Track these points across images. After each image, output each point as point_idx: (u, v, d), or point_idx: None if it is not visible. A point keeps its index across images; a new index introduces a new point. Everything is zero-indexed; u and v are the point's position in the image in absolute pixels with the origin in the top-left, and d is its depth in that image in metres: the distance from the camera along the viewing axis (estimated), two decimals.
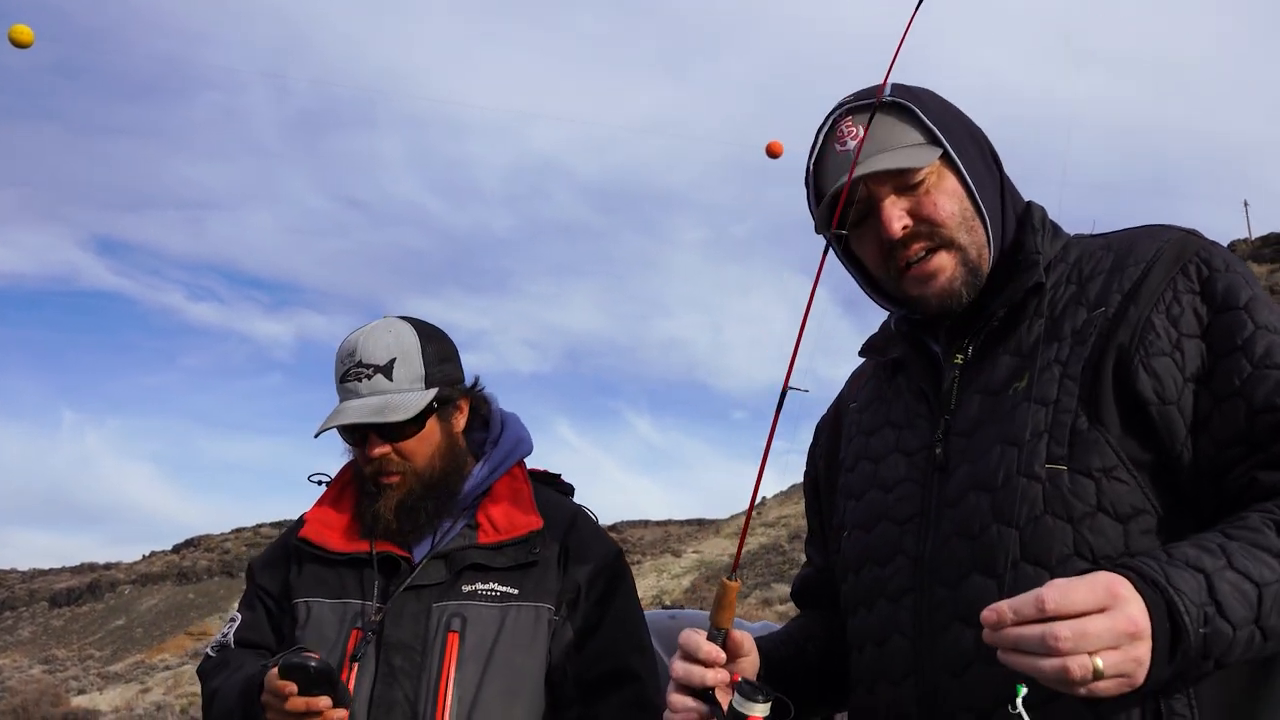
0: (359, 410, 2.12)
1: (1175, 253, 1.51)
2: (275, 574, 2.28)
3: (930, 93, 1.67)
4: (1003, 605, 1.21)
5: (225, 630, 2.27)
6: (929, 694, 1.52)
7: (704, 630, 1.50)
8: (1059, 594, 1.18)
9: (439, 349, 2.24)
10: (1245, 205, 37.78)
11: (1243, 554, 1.27)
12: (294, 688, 1.85)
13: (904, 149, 1.59)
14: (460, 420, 2.27)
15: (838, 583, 1.77)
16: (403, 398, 2.14)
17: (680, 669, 1.49)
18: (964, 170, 1.60)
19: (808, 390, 1.46)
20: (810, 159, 1.71)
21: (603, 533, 2.32)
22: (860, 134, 1.60)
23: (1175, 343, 1.45)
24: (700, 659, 1.48)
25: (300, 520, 2.29)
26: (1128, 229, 1.63)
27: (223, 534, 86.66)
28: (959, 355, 1.64)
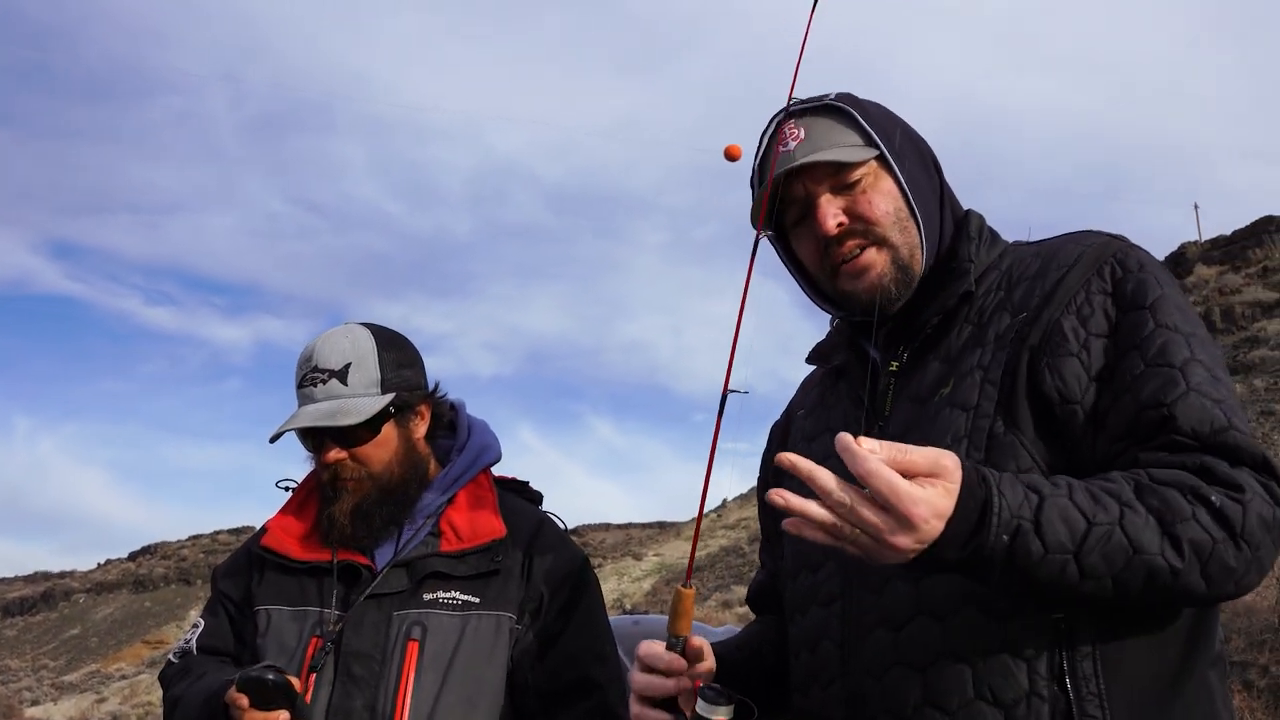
0: (311, 415, 2.13)
1: (1094, 256, 1.55)
2: (237, 581, 2.27)
3: (875, 103, 1.72)
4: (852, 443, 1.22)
5: (188, 636, 2.26)
6: (853, 697, 1.54)
7: (662, 640, 1.51)
8: (898, 448, 1.22)
9: (398, 355, 2.24)
10: (1195, 208, 38.45)
11: (1086, 493, 1.30)
12: (245, 701, 1.86)
13: (841, 148, 1.64)
14: (420, 426, 2.26)
15: (780, 589, 1.81)
16: (356, 403, 2.14)
17: (641, 680, 1.51)
18: (899, 172, 1.64)
19: (746, 392, 1.47)
20: (755, 161, 1.76)
21: (568, 540, 2.31)
22: (801, 135, 1.66)
23: (1083, 343, 1.48)
24: (661, 669, 1.50)
25: (263, 528, 2.29)
26: (1058, 236, 1.67)
27: (180, 541, 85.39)
28: (894, 362, 1.67)
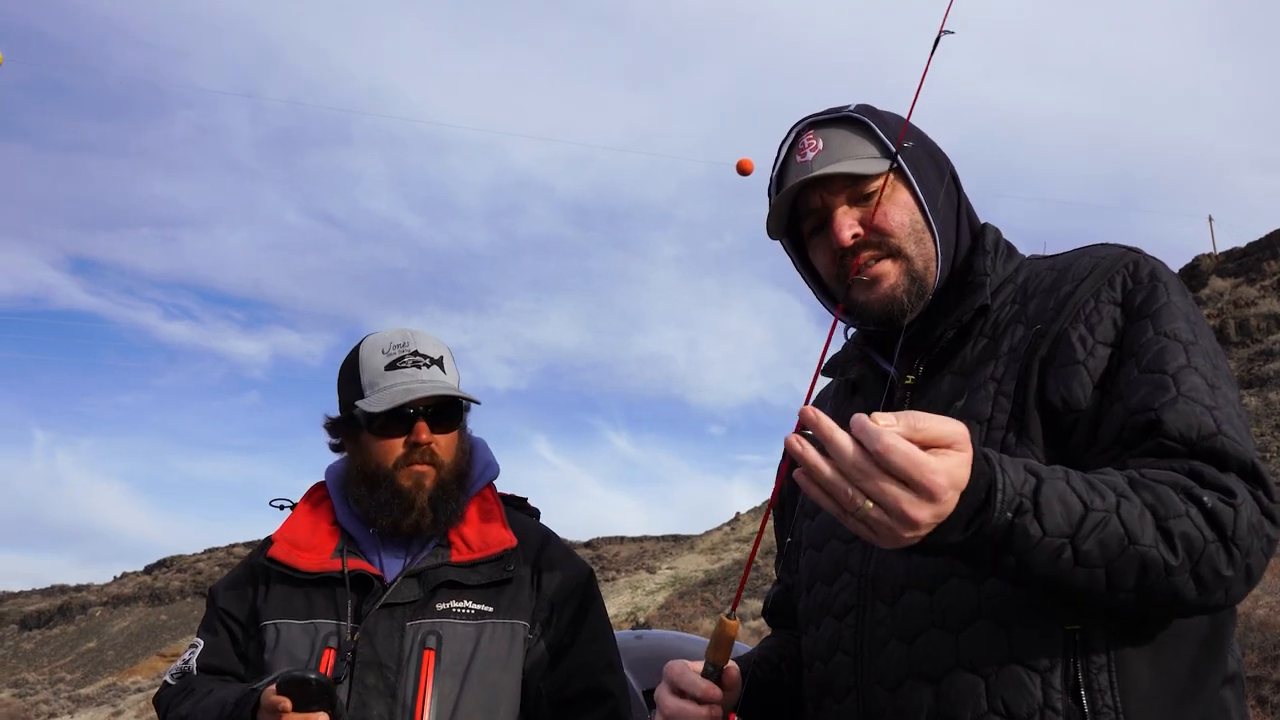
0: (439, 387, 2.19)
1: (1107, 267, 1.55)
2: (240, 597, 2.25)
3: (894, 114, 1.72)
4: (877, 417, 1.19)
5: (186, 656, 2.23)
6: (867, 710, 1.53)
7: (697, 664, 1.50)
8: (914, 417, 1.19)
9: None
10: (1210, 220, 38.34)
11: (1083, 481, 1.28)
12: (288, 704, 1.85)
13: (857, 160, 1.64)
14: (469, 440, 2.33)
15: (796, 601, 1.79)
16: (461, 399, 2.24)
17: (673, 705, 1.50)
18: (915, 184, 1.65)
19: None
20: (773, 171, 1.76)
21: (574, 554, 2.34)
22: (819, 146, 1.67)
23: (1090, 350, 1.48)
24: (696, 695, 1.48)
25: (268, 540, 2.27)
26: (1074, 249, 1.67)
27: (195, 554, 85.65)
28: (909, 376, 1.66)
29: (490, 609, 2.14)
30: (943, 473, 1.15)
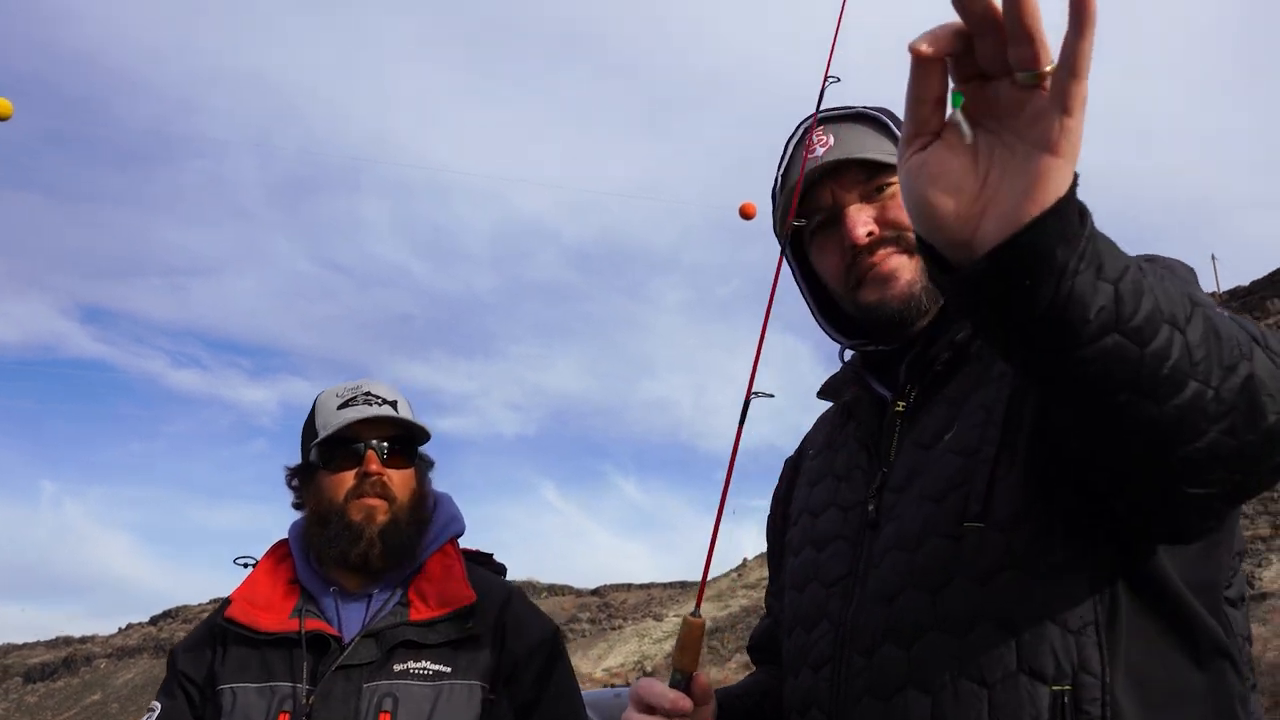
0: (383, 411, 2.20)
1: None
2: (198, 659, 2.22)
3: None
4: None
5: None
6: None
7: (663, 679, 1.40)
8: None
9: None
10: (1213, 259, 38.30)
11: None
12: None
13: (875, 152, 1.55)
14: (427, 484, 2.32)
15: (780, 640, 1.67)
16: (414, 427, 2.24)
17: None
18: None
19: (773, 395, 1.40)
20: (779, 170, 1.67)
21: (538, 611, 2.31)
22: (830, 142, 1.58)
23: None
24: (664, 708, 1.37)
25: (227, 600, 2.24)
26: None
27: (201, 605, 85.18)
28: (900, 402, 1.53)
29: (449, 669, 2.11)
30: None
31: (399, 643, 2.11)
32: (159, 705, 2.23)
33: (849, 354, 1.73)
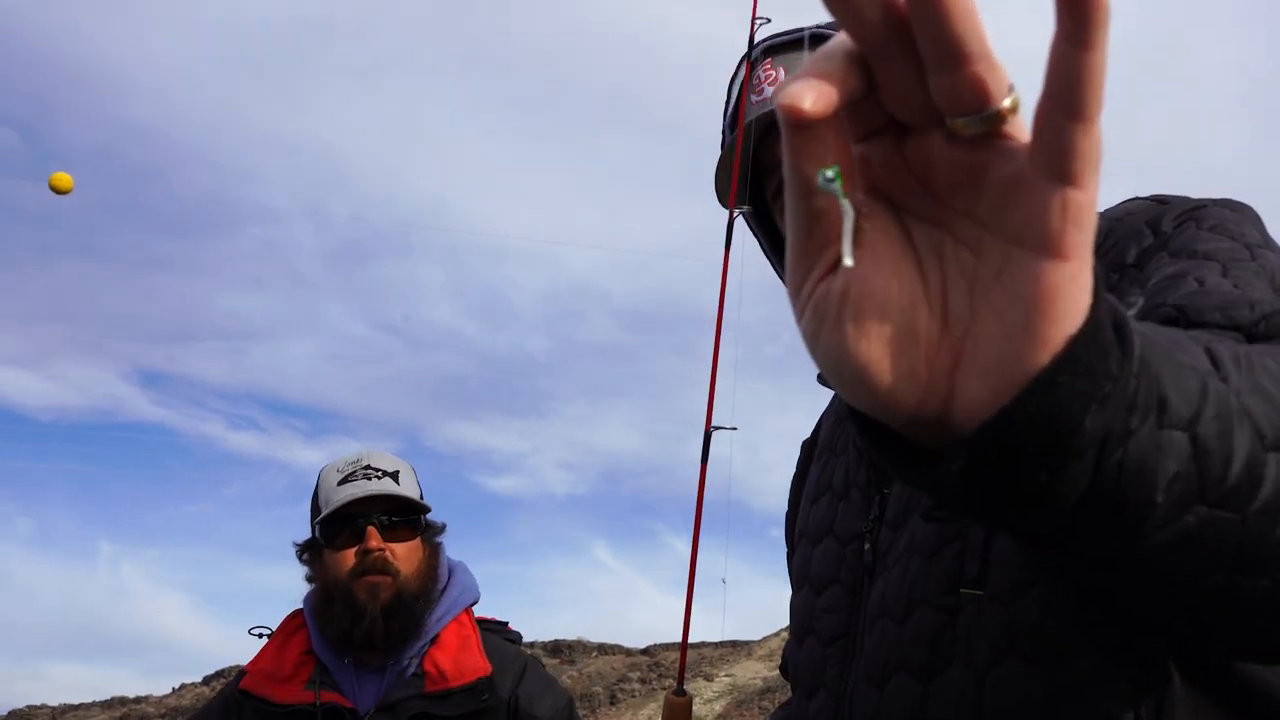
0: (379, 488, 2.20)
1: (1123, 233, 1.11)
2: None
3: None
4: None
5: None
6: None
7: None
8: None
9: (420, 486, 2.33)
10: None
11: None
12: None
13: None
14: (436, 555, 2.31)
15: None
16: (413, 501, 2.24)
17: None
18: None
19: (735, 428, 1.21)
20: (725, 121, 1.46)
21: (553, 681, 2.32)
22: (780, 76, 1.35)
23: None
24: None
25: (242, 671, 2.26)
26: (1099, 213, 1.38)
27: None
28: None
29: None
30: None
31: (413, 715, 2.11)
32: None
33: None
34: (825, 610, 1.22)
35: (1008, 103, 0.50)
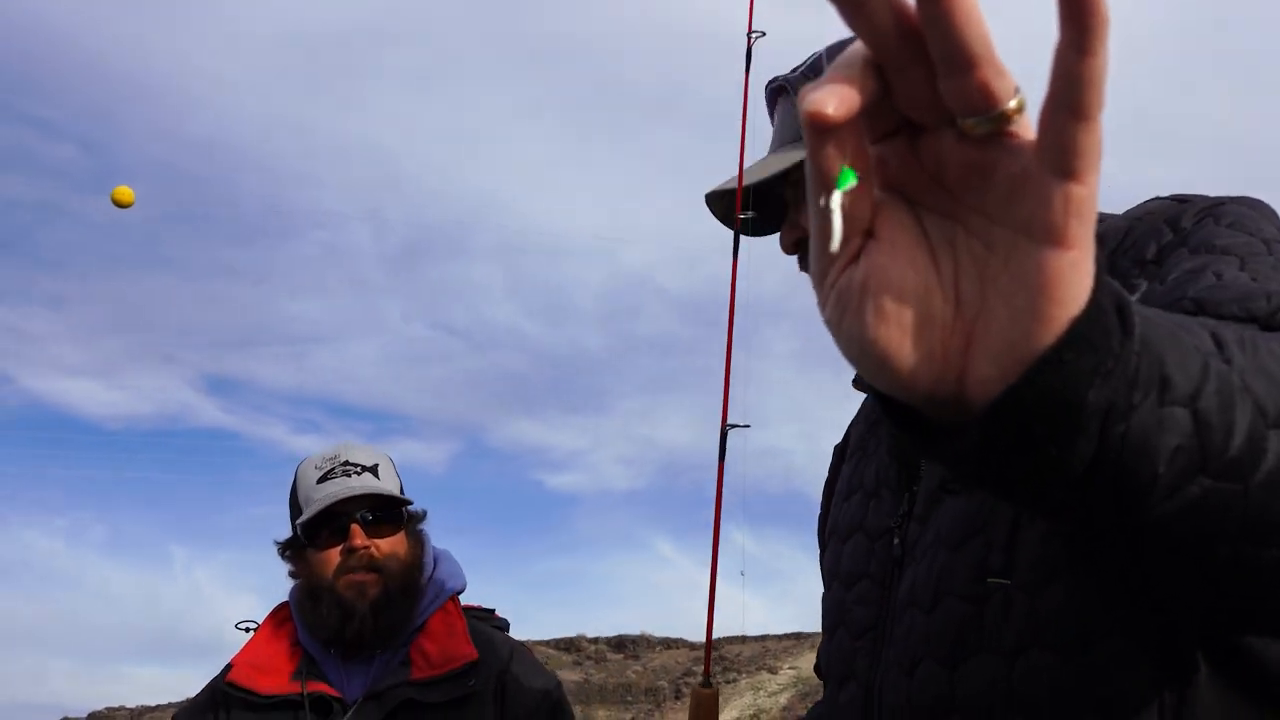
0: (361, 487, 2.18)
1: (1143, 231, 1.05)
2: None
3: None
4: None
5: None
6: None
7: None
8: None
9: (400, 477, 2.34)
10: None
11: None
12: None
13: None
14: (420, 544, 2.31)
15: None
16: (394, 497, 2.23)
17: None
18: None
19: (748, 426, 1.25)
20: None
21: (540, 666, 2.31)
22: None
23: None
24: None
25: (229, 665, 2.26)
26: (1121, 214, 1.20)
27: None
28: None
29: None
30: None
31: (400, 703, 2.12)
32: None
33: None
34: (855, 603, 1.26)
35: (1014, 103, 0.55)
